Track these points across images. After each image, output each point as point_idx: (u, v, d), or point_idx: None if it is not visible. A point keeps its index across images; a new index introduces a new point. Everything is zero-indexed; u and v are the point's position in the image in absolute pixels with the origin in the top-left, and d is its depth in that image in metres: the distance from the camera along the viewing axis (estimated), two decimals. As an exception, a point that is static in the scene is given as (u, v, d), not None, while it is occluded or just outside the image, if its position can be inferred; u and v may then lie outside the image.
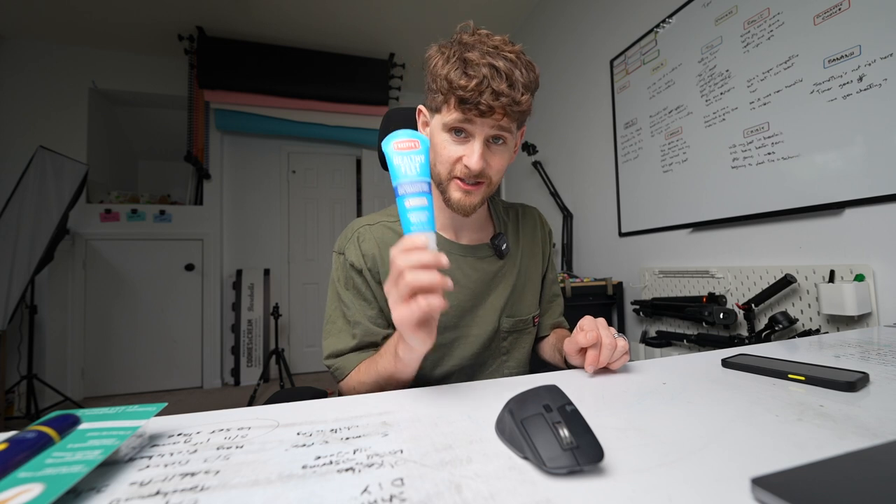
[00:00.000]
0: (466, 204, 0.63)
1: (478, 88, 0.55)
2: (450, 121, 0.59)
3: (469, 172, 0.60)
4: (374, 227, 0.71)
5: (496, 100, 0.55)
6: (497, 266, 0.73)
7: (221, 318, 3.33)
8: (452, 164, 0.61)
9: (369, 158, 3.72)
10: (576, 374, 0.54)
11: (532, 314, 0.77)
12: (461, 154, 0.60)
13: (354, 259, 0.68)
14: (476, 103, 0.55)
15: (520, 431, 0.31)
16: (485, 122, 0.58)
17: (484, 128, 0.58)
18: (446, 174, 0.63)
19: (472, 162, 0.59)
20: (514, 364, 0.75)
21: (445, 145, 0.61)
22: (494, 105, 0.56)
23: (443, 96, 0.58)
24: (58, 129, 2.97)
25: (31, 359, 2.56)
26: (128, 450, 0.32)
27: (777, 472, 0.25)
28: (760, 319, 1.32)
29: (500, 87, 0.55)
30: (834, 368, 0.48)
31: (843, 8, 1.12)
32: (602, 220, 2.16)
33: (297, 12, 2.88)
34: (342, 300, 0.69)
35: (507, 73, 0.55)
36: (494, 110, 0.56)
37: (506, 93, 0.55)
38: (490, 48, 0.57)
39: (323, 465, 0.29)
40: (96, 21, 2.82)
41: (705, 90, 1.55)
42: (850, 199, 1.12)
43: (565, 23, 2.51)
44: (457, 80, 0.56)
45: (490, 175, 0.63)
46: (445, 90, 0.57)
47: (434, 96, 0.61)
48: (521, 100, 0.56)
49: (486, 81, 0.55)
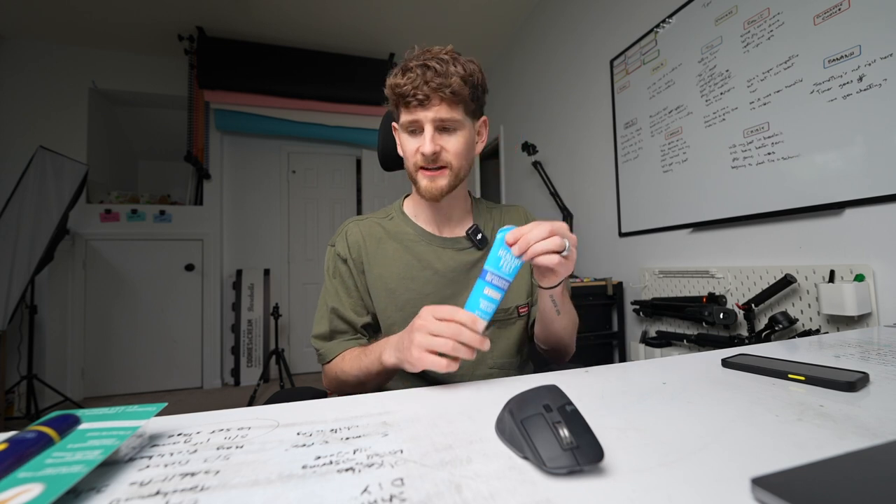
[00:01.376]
0: (433, 189, 0.69)
1: (412, 83, 0.64)
2: (403, 121, 0.68)
3: (425, 158, 0.67)
4: (363, 222, 0.79)
5: (431, 86, 0.64)
6: (476, 256, 0.77)
7: (221, 318, 3.33)
8: (414, 155, 0.69)
9: (369, 158, 3.72)
10: (576, 374, 0.54)
11: (516, 304, 0.78)
12: (418, 145, 0.68)
13: (341, 250, 0.76)
14: (413, 95, 0.64)
15: (520, 431, 0.31)
16: (427, 111, 0.66)
17: (428, 115, 0.66)
18: (413, 167, 0.70)
19: (425, 147, 0.66)
20: (498, 354, 0.77)
21: (406, 142, 0.70)
22: (429, 93, 0.64)
23: (393, 103, 0.69)
24: (58, 129, 2.97)
25: (31, 359, 2.56)
26: (128, 450, 0.32)
27: (777, 472, 0.25)
28: (760, 319, 1.32)
29: (431, 77, 0.64)
30: (834, 368, 0.48)
31: (843, 8, 1.12)
32: (602, 220, 2.16)
33: (297, 12, 2.88)
34: (327, 288, 0.77)
35: (437, 68, 0.64)
36: (431, 98, 0.65)
37: (436, 81, 0.64)
38: (426, 56, 0.66)
39: (323, 465, 0.29)
40: (96, 21, 2.82)
41: (705, 90, 1.55)
42: (850, 199, 1.12)
43: (565, 23, 2.51)
44: (395, 82, 0.66)
45: (449, 160, 0.69)
46: (393, 97, 0.68)
47: (392, 108, 0.71)
48: (451, 83, 0.64)
49: (419, 78, 0.64)
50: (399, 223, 0.78)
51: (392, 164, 0.89)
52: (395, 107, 0.70)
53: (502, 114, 3.36)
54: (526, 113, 3.00)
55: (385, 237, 0.77)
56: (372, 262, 0.75)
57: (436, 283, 0.74)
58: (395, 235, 0.77)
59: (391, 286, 0.74)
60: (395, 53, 3.46)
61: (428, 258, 0.75)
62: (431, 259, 0.75)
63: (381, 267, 0.75)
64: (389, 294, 0.74)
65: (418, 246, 0.76)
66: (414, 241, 0.76)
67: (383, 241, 0.76)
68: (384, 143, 0.87)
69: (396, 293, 0.74)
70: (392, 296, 0.74)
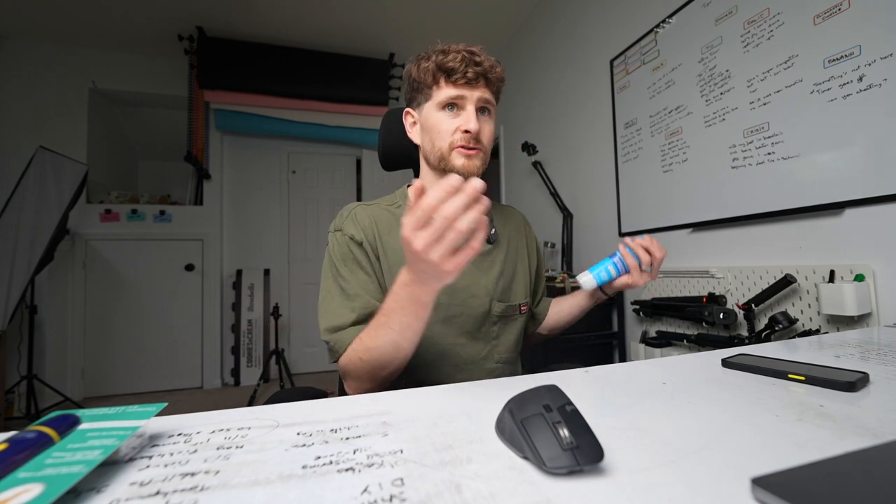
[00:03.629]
0: (471, 166, 0.69)
1: (463, 62, 0.66)
2: (444, 97, 0.68)
3: (469, 135, 0.67)
4: (371, 207, 0.76)
5: (479, 67, 0.67)
6: (485, 249, 0.78)
7: (221, 318, 3.33)
8: (452, 134, 0.69)
9: (369, 158, 3.72)
10: (576, 374, 0.54)
11: (519, 302, 0.80)
12: (458, 124, 0.68)
13: (354, 232, 0.70)
14: (464, 73, 0.66)
15: (520, 431, 0.31)
16: (474, 92, 0.68)
17: (474, 96, 0.68)
18: (447, 147, 0.69)
19: (471, 124, 0.67)
20: (503, 349, 0.78)
21: (443, 121, 0.69)
22: (479, 72, 0.67)
23: (432, 80, 0.68)
24: (58, 129, 2.97)
25: (31, 359, 2.56)
26: (128, 450, 0.32)
27: (777, 472, 0.25)
28: (760, 319, 1.32)
29: (479, 59, 0.67)
30: (834, 368, 0.48)
31: (843, 8, 1.12)
32: (602, 220, 2.16)
33: (298, 12, 2.88)
34: (341, 275, 0.68)
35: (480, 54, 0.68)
36: (479, 79, 0.67)
37: (485, 64, 0.67)
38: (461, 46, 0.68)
39: (323, 465, 0.29)
40: (96, 21, 2.82)
41: (705, 90, 1.54)
42: (850, 199, 1.12)
43: (565, 23, 2.51)
44: (443, 60, 0.66)
45: (484, 143, 0.70)
46: (435, 71, 0.67)
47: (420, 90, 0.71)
48: (497, 69, 0.69)
49: (467, 58, 0.66)
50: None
51: (392, 163, 0.88)
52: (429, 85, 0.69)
53: (502, 114, 3.36)
54: (526, 113, 3.00)
55: (395, 225, 0.72)
56: (386, 249, 0.71)
57: None
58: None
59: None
60: (395, 53, 3.46)
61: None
62: None
63: (395, 254, 0.70)
64: None
65: None
66: None
67: (394, 228, 0.71)
68: (384, 142, 0.87)
69: None
70: None
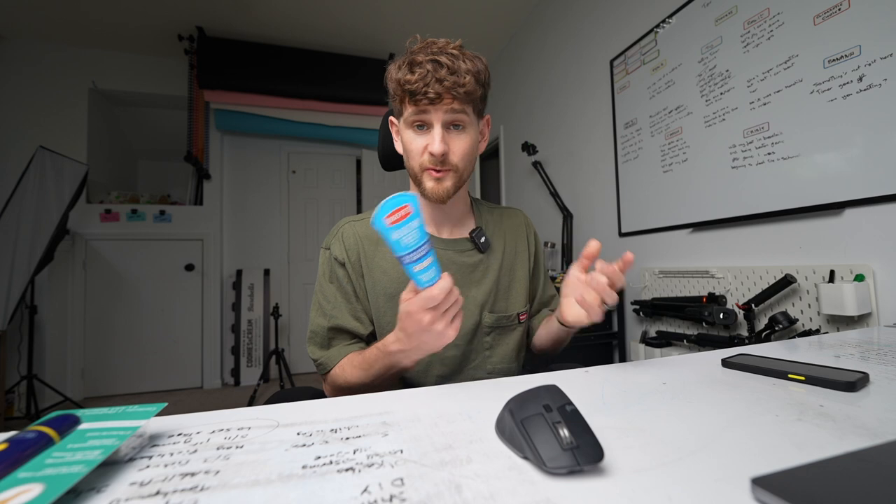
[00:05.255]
0: (440, 191, 0.67)
1: (423, 80, 0.61)
2: (409, 116, 0.65)
3: (434, 158, 0.65)
4: (359, 224, 0.74)
5: (442, 85, 0.61)
6: (477, 259, 0.75)
7: (221, 318, 3.33)
8: (421, 154, 0.66)
9: (369, 158, 3.72)
10: (576, 374, 0.54)
11: (517, 311, 0.77)
12: (425, 143, 0.65)
13: (338, 253, 0.72)
14: (424, 93, 0.62)
15: (520, 431, 0.31)
16: (438, 110, 0.63)
17: (439, 114, 0.64)
18: (418, 167, 0.67)
19: (434, 146, 0.64)
20: (497, 360, 0.76)
21: (412, 140, 0.67)
22: (441, 91, 0.62)
23: (399, 97, 0.66)
24: (58, 129, 2.96)
25: (31, 359, 2.56)
26: (128, 450, 0.32)
27: (777, 472, 0.25)
28: (760, 319, 1.32)
29: (443, 74, 0.61)
30: (834, 368, 0.48)
31: (843, 8, 1.12)
32: (602, 220, 2.16)
33: (297, 12, 2.88)
34: (323, 292, 0.72)
35: (449, 64, 0.62)
36: (442, 96, 0.62)
37: (449, 79, 0.62)
38: (434, 49, 0.64)
39: (323, 465, 0.29)
40: (96, 21, 2.81)
41: (705, 90, 1.55)
42: (850, 199, 1.12)
43: (565, 23, 2.51)
44: (404, 78, 0.63)
45: (454, 162, 0.67)
46: (399, 91, 0.64)
47: (394, 102, 0.68)
48: (464, 82, 0.62)
49: (430, 74, 0.61)
50: None
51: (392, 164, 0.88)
52: (399, 102, 0.67)
53: (503, 114, 3.36)
54: (526, 113, 3.00)
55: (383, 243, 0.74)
56: (371, 266, 0.72)
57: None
58: None
59: (391, 292, 0.70)
60: (394, 53, 3.45)
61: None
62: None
63: (379, 271, 0.71)
64: (389, 300, 0.70)
65: None
66: None
67: (381, 243, 0.72)
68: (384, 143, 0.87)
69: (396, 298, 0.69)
70: (391, 302, 0.70)
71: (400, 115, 0.68)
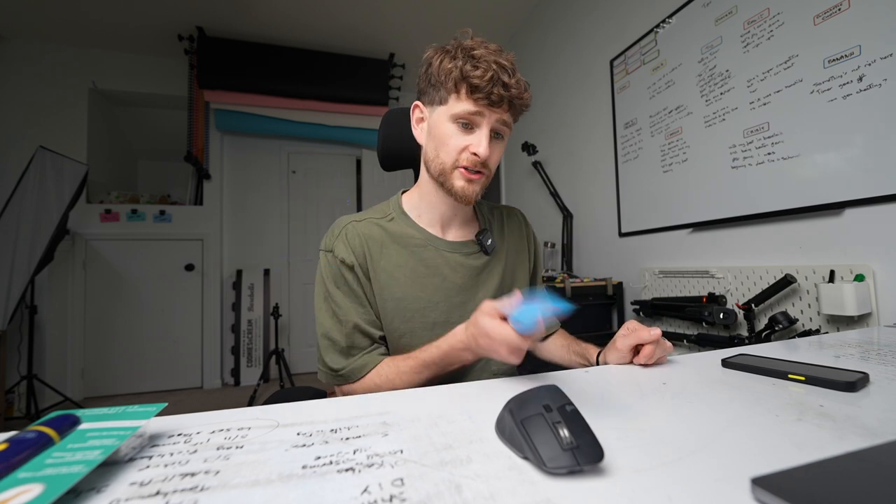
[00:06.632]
0: (470, 192, 0.66)
1: (490, 79, 0.59)
2: (460, 111, 0.62)
3: (477, 160, 0.63)
4: (361, 224, 0.71)
5: (506, 91, 0.60)
6: (483, 262, 0.75)
7: (221, 318, 3.32)
8: (459, 152, 0.64)
9: (369, 158, 3.72)
10: (576, 374, 0.54)
11: None
12: (468, 143, 0.63)
13: (345, 255, 0.68)
14: (488, 93, 0.60)
15: (520, 431, 0.31)
16: (493, 114, 0.62)
17: (492, 119, 0.62)
18: (451, 163, 0.65)
19: (481, 149, 0.62)
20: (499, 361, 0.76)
21: (452, 135, 0.64)
22: (504, 96, 0.60)
23: (453, 86, 0.62)
24: (58, 129, 2.96)
25: (31, 359, 2.56)
26: (128, 450, 0.32)
27: (777, 472, 0.25)
28: (760, 319, 1.32)
29: (509, 80, 0.60)
30: (834, 368, 0.48)
31: (843, 8, 1.12)
32: (602, 220, 2.16)
33: (297, 12, 2.88)
34: (333, 298, 0.68)
35: (511, 71, 0.61)
36: (503, 101, 0.61)
37: (513, 86, 0.60)
38: (492, 51, 0.62)
39: (323, 465, 0.29)
40: (96, 21, 2.81)
41: (705, 90, 1.54)
42: (850, 199, 1.12)
43: (565, 23, 2.51)
44: (470, 71, 0.59)
45: (490, 166, 0.66)
46: (457, 79, 0.61)
47: (437, 90, 0.64)
48: (524, 96, 0.62)
49: (497, 75, 0.59)
50: (401, 225, 0.73)
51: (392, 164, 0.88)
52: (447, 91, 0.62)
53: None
54: (526, 113, 2.99)
55: (388, 241, 0.70)
56: (377, 269, 0.69)
57: (445, 290, 0.70)
58: (398, 239, 0.71)
59: (398, 295, 0.69)
60: (394, 53, 3.46)
61: (436, 263, 0.71)
62: (439, 265, 0.71)
63: (386, 275, 0.69)
64: (397, 304, 0.69)
65: (425, 251, 0.71)
66: (420, 246, 0.71)
67: (386, 245, 0.70)
68: (384, 142, 0.86)
69: (404, 303, 0.69)
70: (400, 305, 0.69)
71: (441, 103, 0.64)
